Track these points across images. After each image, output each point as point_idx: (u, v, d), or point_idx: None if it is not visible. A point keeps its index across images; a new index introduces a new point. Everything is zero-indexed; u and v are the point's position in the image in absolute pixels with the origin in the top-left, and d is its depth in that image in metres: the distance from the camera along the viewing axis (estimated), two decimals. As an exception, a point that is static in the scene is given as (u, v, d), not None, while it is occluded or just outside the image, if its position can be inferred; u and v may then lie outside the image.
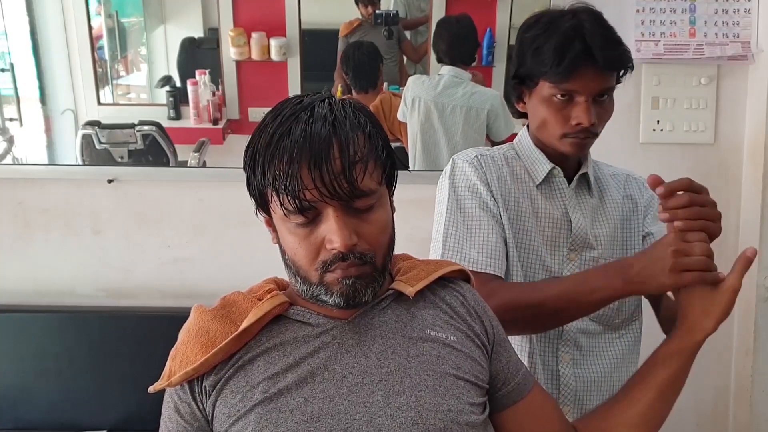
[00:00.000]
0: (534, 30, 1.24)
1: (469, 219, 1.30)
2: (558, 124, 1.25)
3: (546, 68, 1.21)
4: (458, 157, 1.36)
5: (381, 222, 0.93)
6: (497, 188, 1.31)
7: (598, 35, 1.20)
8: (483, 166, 1.33)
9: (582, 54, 1.18)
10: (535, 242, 1.31)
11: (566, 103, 1.23)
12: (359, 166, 0.88)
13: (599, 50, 1.18)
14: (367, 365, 0.94)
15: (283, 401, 0.91)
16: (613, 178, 1.40)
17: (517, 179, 1.33)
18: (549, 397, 1.11)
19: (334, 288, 0.92)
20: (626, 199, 1.38)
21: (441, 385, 0.94)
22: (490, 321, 1.06)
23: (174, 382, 0.94)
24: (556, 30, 1.21)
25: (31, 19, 2.02)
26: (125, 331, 1.95)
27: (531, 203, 1.32)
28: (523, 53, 1.26)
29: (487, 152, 1.37)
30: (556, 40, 1.20)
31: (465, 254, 1.29)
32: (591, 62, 1.19)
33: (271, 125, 0.91)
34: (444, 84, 2.03)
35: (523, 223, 1.31)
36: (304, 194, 0.87)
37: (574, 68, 1.19)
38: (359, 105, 0.95)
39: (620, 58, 1.23)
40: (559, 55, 1.19)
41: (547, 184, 1.33)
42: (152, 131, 2.05)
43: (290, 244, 0.93)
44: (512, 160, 1.36)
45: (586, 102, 1.21)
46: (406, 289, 0.99)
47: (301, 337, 0.96)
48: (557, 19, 1.23)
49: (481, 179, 1.31)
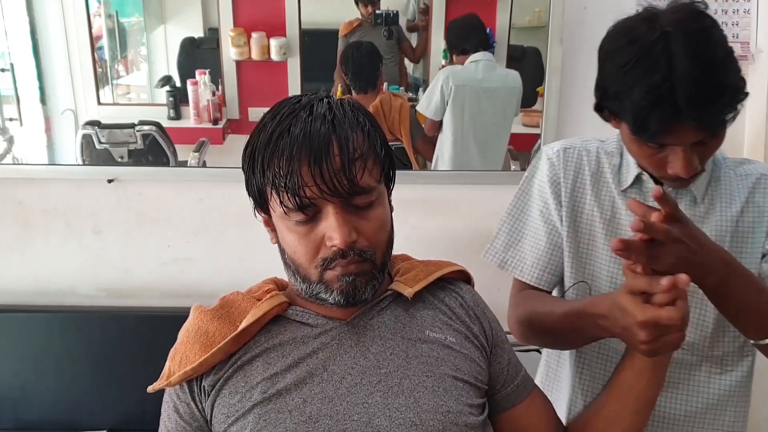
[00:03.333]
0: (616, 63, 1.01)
1: (525, 221, 1.25)
2: (653, 168, 1.07)
3: (630, 123, 1.00)
4: (545, 149, 1.25)
5: (380, 219, 0.94)
6: (569, 191, 1.19)
7: (694, 90, 0.94)
8: (564, 162, 1.20)
9: (672, 114, 0.96)
10: (602, 254, 1.17)
11: (660, 149, 1.03)
12: (359, 163, 0.89)
13: (693, 112, 0.95)
14: (365, 366, 0.94)
15: (281, 402, 0.91)
16: (741, 179, 1.17)
17: (600, 180, 1.19)
18: (547, 402, 1.11)
19: (334, 286, 0.92)
20: (749, 207, 1.15)
21: (440, 386, 0.94)
22: (489, 322, 1.06)
23: (173, 381, 0.94)
24: (643, 78, 0.96)
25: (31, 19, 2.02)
26: (125, 331, 1.94)
27: (611, 209, 1.18)
28: (604, 83, 1.05)
29: (579, 144, 1.22)
30: (639, 95, 0.96)
31: (510, 256, 1.26)
32: (685, 121, 0.96)
33: (270, 124, 0.91)
34: (483, 69, 2.06)
35: (591, 230, 1.19)
36: (304, 191, 0.87)
37: (664, 130, 0.98)
38: (357, 104, 0.96)
39: (722, 113, 0.98)
40: (644, 118, 0.97)
41: (637, 188, 1.17)
42: (152, 131, 2.05)
43: (290, 242, 0.93)
44: (607, 157, 1.20)
45: (683, 152, 1.00)
46: (404, 290, 0.99)
47: (300, 338, 0.96)
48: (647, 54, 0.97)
49: (552, 180, 1.20)
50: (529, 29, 2.08)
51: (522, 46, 2.09)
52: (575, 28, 1.91)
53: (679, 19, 0.99)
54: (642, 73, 0.97)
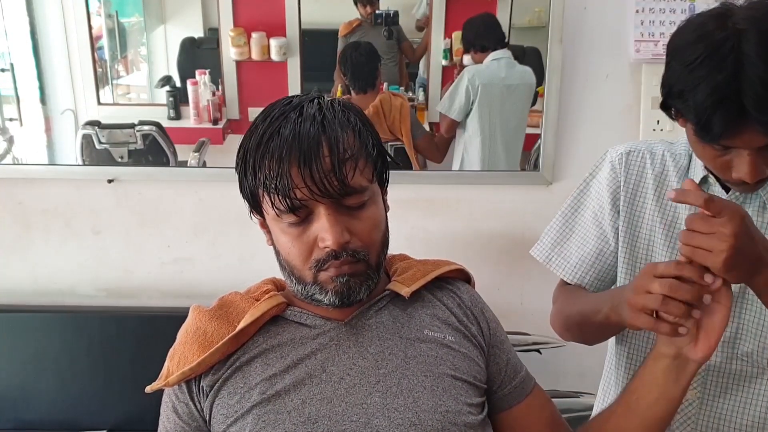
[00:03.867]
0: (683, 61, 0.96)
1: (576, 220, 1.23)
2: (717, 171, 1.03)
3: (694, 123, 0.96)
4: (610, 152, 1.21)
5: (373, 219, 0.93)
6: (627, 191, 1.16)
7: (761, 88, 0.89)
8: (626, 166, 1.17)
9: (737, 115, 0.91)
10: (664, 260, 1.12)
11: (725, 151, 0.98)
12: (349, 163, 0.88)
13: (761, 114, 0.90)
14: (364, 366, 0.94)
15: (280, 402, 0.91)
16: None
17: (664, 185, 1.14)
18: (549, 402, 1.10)
19: (329, 287, 0.92)
20: None
21: (438, 385, 0.94)
22: (487, 322, 1.05)
23: (171, 382, 0.94)
24: (709, 76, 0.92)
25: (31, 19, 2.02)
26: (125, 331, 1.95)
27: (674, 213, 1.13)
28: (670, 80, 1.00)
29: (644, 147, 1.18)
30: (707, 98, 0.92)
31: (555, 254, 1.25)
32: (751, 122, 0.92)
33: (261, 126, 0.91)
34: (505, 66, 2.07)
35: (650, 237, 1.14)
36: (295, 193, 0.87)
37: (726, 133, 0.94)
38: (349, 104, 0.95)
39: None
40: (707, 118, 0.93)
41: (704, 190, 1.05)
42: (152, 131, 2.05)
43: (283, 244, 0.93)
44: (673, 159, 1.15)
45: (749, 156, 0.95)
46: (401, 290, 0.99)
47: (299, 339, 0.96)
48: (714, 53, 0.92)
49: (612, 186, 1.17)
50: (529, 29, 2.07)
51: (522, 46, 2.09)
52: (575, 28, 1.91)
53: (753, 17, 0.93)
54: (708, 72, 0.92)
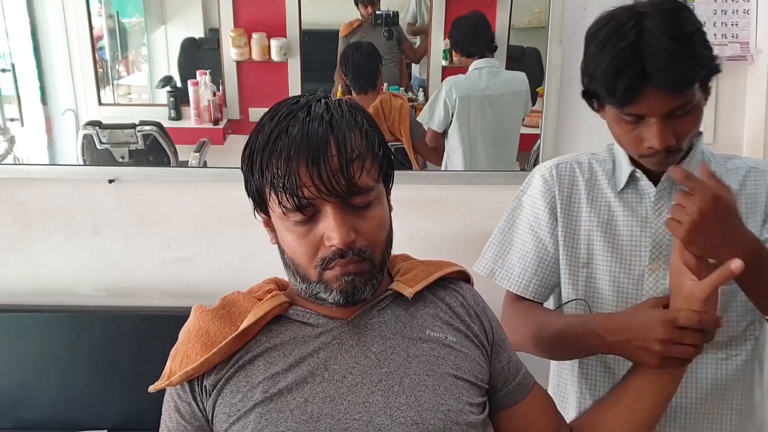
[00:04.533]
0: (594, 43, 1.09)
1: (513, 234, 1.30)
2: (632, 146, 1.13)
3: (604, 93, 1.09)
4: (537, 169, 1.31)
5: (379, 219, 0.94)
6: (563, 200, 1.25)
7: (659, 52, 1.02)
8: (555, 177, 1.26)
9: (639, 78, 1.04)
10: (602, 257, 1.22)
11: (637, 124, 1.10)
12: (356, 163, 0.89)
13: (659, 72, 1.03)
14: (366, 365, 0.94)
15: (283, 401, 0.92)
16: (731, 172, 1.21)
17: (595, 187, 1.24)
18: (549, 398, 1.11)
19: (334, 285, 0.92)
20: (742, 198, 1.19)
21: (440, 385, 0.95)
22: (489, 321, 1.06)
23: (174, 381, 0.95)
24: (613, 47, 1.05)
25: (31, 19, 2.02)
26: (125, 331, 1.95)
27: (608, 212, 1.23)
28: (587, 66, 1.13)
29: (570, 159, 1.28)
30: (609, 63, 1.05)
31: (497, 267, 1.32)
32: (652, 84, 1.04)
33: (268, 125, 0.92)
34: (486, 76, 2.06)
35: (589, 238, 1.23)
36: (303, 192, 0.88)
37: (633, 94, 1.05)
38: (355, 104, 0.96)
39: (687, 75, 1.04)
40: (612, 82, 1.05)
41: (632, 188, 1.22)
42: (153, 131, 2.05)
43: (289, 242, 0.93)
44: (600, 164, 1.26)
45: (657, 124, 1.07)
46: (405, 290, 0.99)
47: (301, 337, 0.96)
48: (619, 29, 1.06)
49: (544, 194, 1.26)
50: (529, 29, 2.08)
51: (522, 46, 2.09)
52: (575, 28, 1.92)
53: (655, 3, 1.07)
54: (613, 44, 1.05)
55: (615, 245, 1.21)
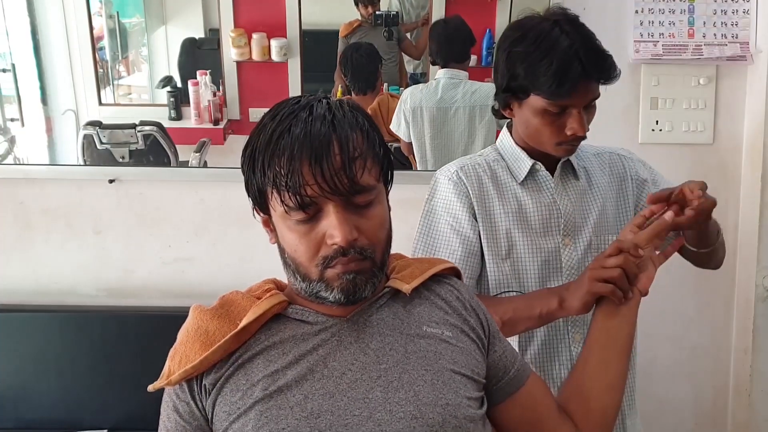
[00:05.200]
0: (523, 45, 1.28)
1: (436, 237, 1.40)
2: (552, 134, 1.31)
3: (543, 87, 1.26)
4: (440, 173, 1.43)
5: (380, 218, 0.95)
6: (477, 199, 1.38)
7: (591, 52, 1.25)
8: (463, 179, 1.39)
9: (581, 75, 1.24)
10: (521, 241, 1.37)
11: (559, 115, 1.28)
12: (359, 162, 0.90)
13: (595, 69, 1.25)
14: (365, 362, 0.95)
15: (283, 398, 0.92)
16: (596, 157, 1.46)
17: (499, 183, 1.40)
18: (544, 384, 1.13)
19: (335, 284, 0.93)
20: (613, 177, 1.44)
21: (439, 379, 0.95)
22: (484, 314, 1.08)
23: (173, 381, 0.95)
24: (550, 49, 1.24)
25: (32, 19, 2.02)
26: (126, 331, 1.95)
27: (516, 202, 1.38)
28: (513, 67, 1.29)
29: (468, 161, 1.42)
30: (555, 63, 1.23)
31: None
32: (588, 79, 1.25)
33: (270, 124, 0.92)
34: (442, 87, 2.03)
35: (506, 227, 1.38)
36: (305, 190, 0.88)
37: (573, 88, 1.25)
38: (356, 105, 0.97)
39: (611, 69, 1.28)
40: (558, 78, 1.23)
41: (531, 179, 1.39)
42: (153, 131, 2.05)
43: (290, 241, 0.94)
44: (494, 163, 1.41)
45: (579, 113, 1.27)
46: (402, 287, 1.00)
47: (300, 335, 0.97)
48: (547, 35, 1.26)
49: (459, 195, 1.38)
50: (529, 30, 2.08)
51: (522, 46, 2.09)
52: (575, 28, 1.92)
53: (560, 13, 1.31)
54: (550, 47, 1.24)
55: (530, 230, 1.38)
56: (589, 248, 1.39)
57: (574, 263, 1.38)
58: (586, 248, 1.39)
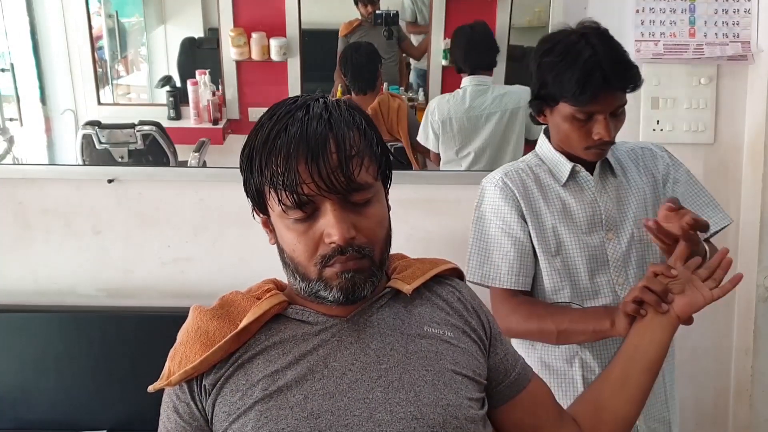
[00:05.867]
0: (552, 56, 1.37)
1: (488, 241, 1.48)
2: (581, 139, 1.40)
3: (568, 94, 1.35)
4: (486, 182, 1.52)
5: (378, 216, 0.94)
6: (524, 200, 1.46)
7: (613, 62, 1.33)
8: (509, 183, 1.47)
9: (602, 83, 1.32)
10: (569, 238, 1.45)
11: (587, 121, 1.37)
12: (355, 160, 0.90)
13: (616, 77, 1.33)
14: (366, 362, 0.94)
15: (283, 398, 0.92)
16: (630, 154, 1.54)
17: (543, 185, 1.48)
18: (547, 387, 1.13)
19: (333, 283, 0.92)
20: (645, 172, 1.53)
21: (439, 380, 0.95)
22: (486, 315, 1.08)
23: (173, 381, 0.95)
24: (574, 61, 1.34)
25: (31, 19, 2.02)
26: (125, 331, 1.95)
27: (561, 203, 1.47)
28: (543, 76, 1.40)
29: (511, 168, 1.51)
30: (577, 73, 1.33)
31: (485, 272, 1.47)
32: (609, 87, 1.33)
33: (267, 124, 0.92)
34: (470, 95, 2.02)
35: (554, 226, 1.46)
36: (302, 188, 0.88)
37: (595, 94, 1.33)
38: (353, 104, 0.97)
39: (633, 78, 1.36)
40: (581, 86, 1.32)
41: (573, 180, 1.47)
42: (152, 131, 2.05)
43: (289, 240, 0.93)
44: (537, 168, 1.50)
45: (605, 119, 1.36)
46: (403, 287, 1.00)
47: (301, 335, 0.96)
48: (573, 46, 1.35)
49: (506, 199, 1.47)
50: (529, 29, 2.08)
51: (522, 46, 2.09)
52: (575, 28, 1.91)
53: (585, 26, 1.40)
54: (574, 57, 1.34)
55: (575, 227, 1.46)
56: (632, 240, 1.46)
57: (619, 256, 1.45)
58: (630, 241, 1.46)
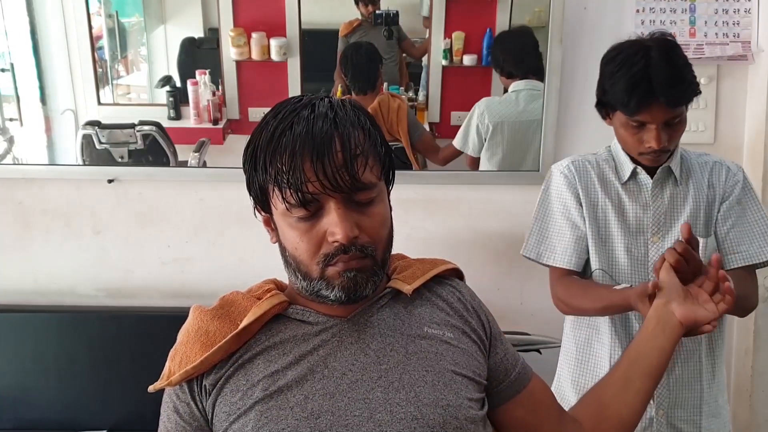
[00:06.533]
0: (611, 66, 1.44)
1: (550, 223, 1.59)
2: (634, 145, 1.47)
3: (618, 103, 1.42)
4: (555, 168, 1.61)
5: (381, 215, 0.95)
6: (583, 189, 1.55)
7: (663, 77, 1.36)
8: (573, 171, 1.56)
9: (647, 96, 1.37)
10: (616, 232, 1.53)
11: (640, 128, 1.43)
12: (360, 159, 0.90)
13: (662, 92, 1.36)
14: (366, 362, 0.95)
15: (283, 398, 0.92)
16: (701, 166, 1.57)
17: (605, 180, 1.56)
18: (547, 386, 1.13)
19: (335, 282, 0.92)
20: (709, 186, 1.56)
21: (440, 380, 0.95)
22: (486, 315, 1.08)
23: (174, 381, 0.95)
24: (627, 71, 1.39)
25: (31, 19, 2.02)
26: (125, 331, 1.95)
27: (617, 199, 1.54)
28: (603, 83, 1.47)
29: (580, 158, 1.60)
30: (625, 83, 1.39)
31: (541, 251, 1.59)
32: (656, 100, 1.37)
33: (272, 122, 0.92)
34: (524, 100, 2.00)
35: (605, 218, 1.54)
36: (307, 187, 0.88)
37: (641, 107, 1.39)
38: (358, 104, 0.97)
39: (683, 95, 1.40)
40: (627, 96, 1.39)
41: (633, 180, 1.54)
42: (152, 131, 2.05)
43: (291, 239, 0.93)
44: (604, 162, 1.57)
45: (656, 129, 1.41)
46: (403, 288, 1.00)
47: (301, 335, 0.96)
48: (631, 57, 1.40)
49: (569, 186, 1.56)
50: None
51: (522, 46, 2.09)
52: (575, 27, 1.92)
53: (654, 39, 1.44)
54: (627, 69, 1.40)
55: (625, 225, 1.53)
56: None
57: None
58: None
